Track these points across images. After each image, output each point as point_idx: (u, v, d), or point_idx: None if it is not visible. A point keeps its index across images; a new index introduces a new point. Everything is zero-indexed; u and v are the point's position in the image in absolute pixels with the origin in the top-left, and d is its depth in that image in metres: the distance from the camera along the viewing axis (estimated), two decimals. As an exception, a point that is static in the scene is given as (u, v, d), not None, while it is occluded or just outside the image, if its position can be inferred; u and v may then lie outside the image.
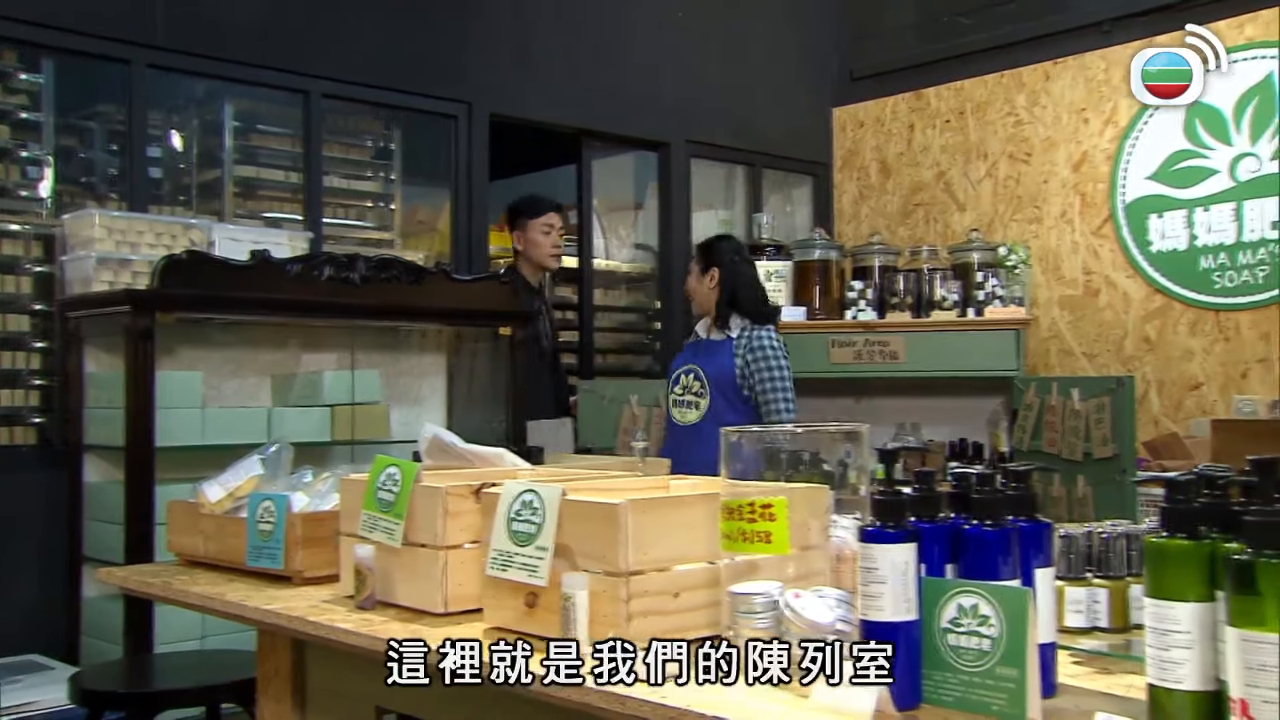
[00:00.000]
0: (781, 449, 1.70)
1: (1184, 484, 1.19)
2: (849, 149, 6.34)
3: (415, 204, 5.17)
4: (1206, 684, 1.13)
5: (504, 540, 1.73)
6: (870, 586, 1.31)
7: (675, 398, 4.11)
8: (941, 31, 6.00)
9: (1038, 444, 5.07)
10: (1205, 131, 5.06)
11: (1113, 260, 5.36)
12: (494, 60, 5.02)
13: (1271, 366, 4.90)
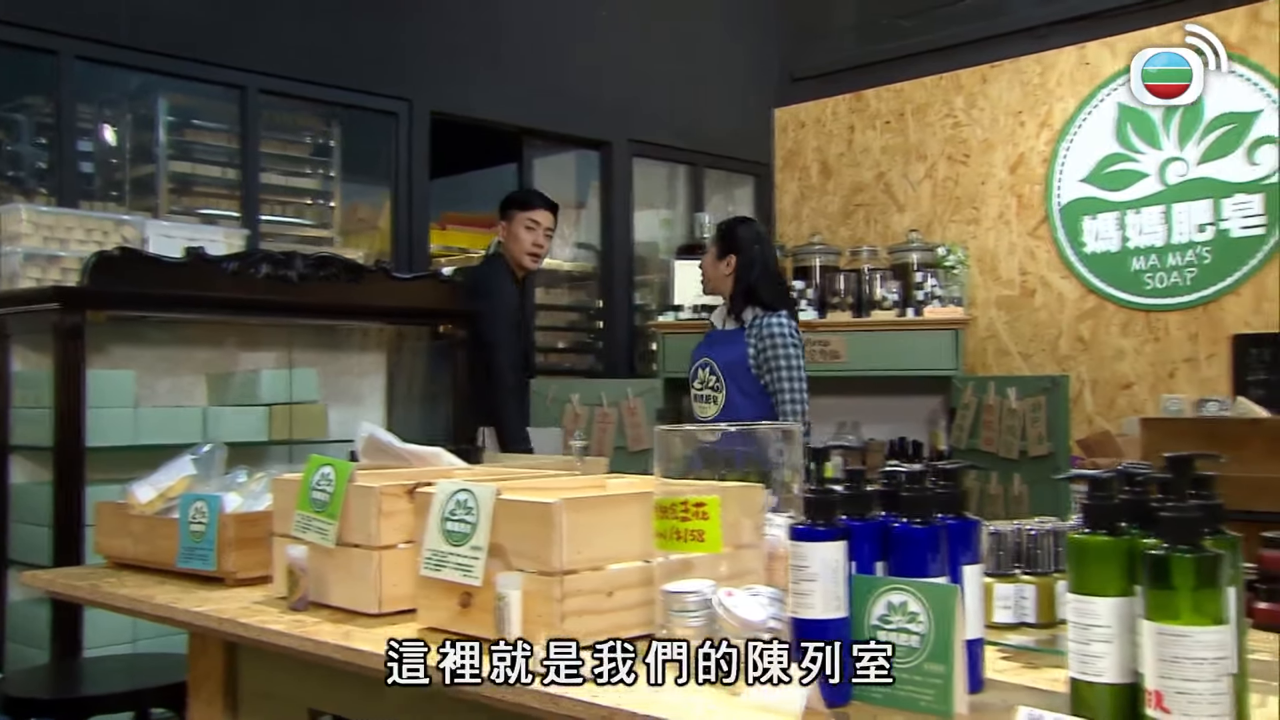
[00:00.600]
0: (717, 448, 1.71)
1: (1105, 481, 1.21)
2: (790, 149, 6.39)
3: (355, 202, 5.12)
4: (1125, 676, 1.15)
5: (438, 540, 1.72)
6: (801, 584, 1.32)
7: (695, 393, 3.97)
8: (881, 33, 6.06)
9: (975, 442, 5.15)
10: (1136, 136, 5.17)
11: (1048, 261, 5.45)
12: (435, 57, 4.99)
13: (1198, 366, 5.01)
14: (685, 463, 1.67)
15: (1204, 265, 4.98)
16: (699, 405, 3.93)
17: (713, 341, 4.01)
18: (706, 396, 3.90)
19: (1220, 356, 4.92)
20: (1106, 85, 5.27)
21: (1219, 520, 1.22)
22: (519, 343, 4.43)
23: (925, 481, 1.38)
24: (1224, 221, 4.93)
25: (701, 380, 3.92)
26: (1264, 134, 4.83)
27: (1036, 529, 1.67)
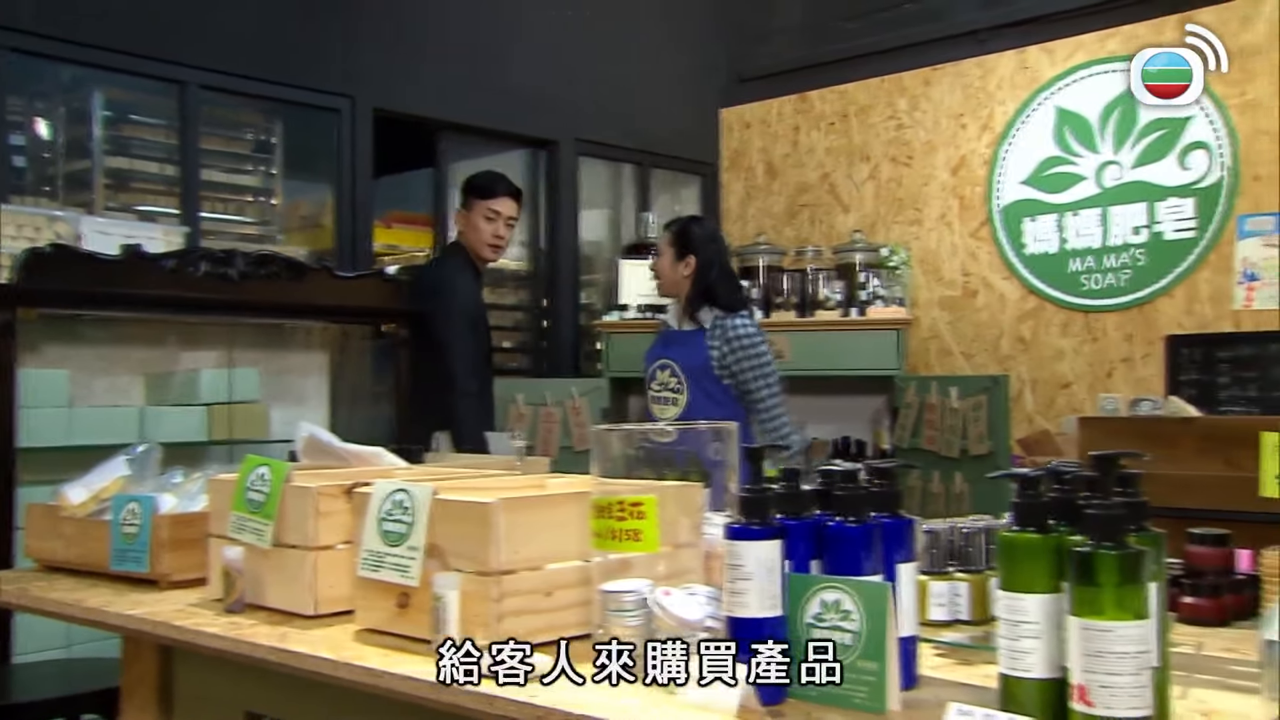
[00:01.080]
0: (656, 447, 1.71)
1: (1033, 480, 1.23)
2: (736, 149, 6.41)
3: (298, 199, 5.06)
4: (1053, 672, 1.17)
5: (375, 540, 1.71)
6: (736, 583, 1.33)
7: (653, 394, 3.93)
8: (825, 36, 6.10)
9: (918, 441, 5.20)
10: (1074, 139, 5.25)
11: (989, 262, 5.52)
12: (378, 54, 4.95)
13: (1134, 366, 5.10)
14: (626, 462, 1.68)
15: (1139, 267, 5.07)
16: (658, 406, 3.89)
17: (670, 342, 3.95)
18: (666, 398, 3.86)
19: (1155, 357, 5.01)
20: (1045, 89, 5.34)
21: (1143, 517, 1.25)
22: (480, 342, 4.25)
23: (860, 480, 1.39)
24: (1157, 224, 5.03)
25: (661, 382, 3.88)
26: (1195, 139, 4.92)
27: (970, 527, 1.69)
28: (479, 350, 4.21)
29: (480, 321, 4.25)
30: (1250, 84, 4.79)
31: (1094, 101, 5.19)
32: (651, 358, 3.96)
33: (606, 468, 1.61)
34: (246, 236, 4.68)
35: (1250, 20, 4.81)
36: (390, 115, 5.00)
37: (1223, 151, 4.86)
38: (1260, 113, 4.77)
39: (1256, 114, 4.78)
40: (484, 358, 4.26)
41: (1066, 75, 5.28)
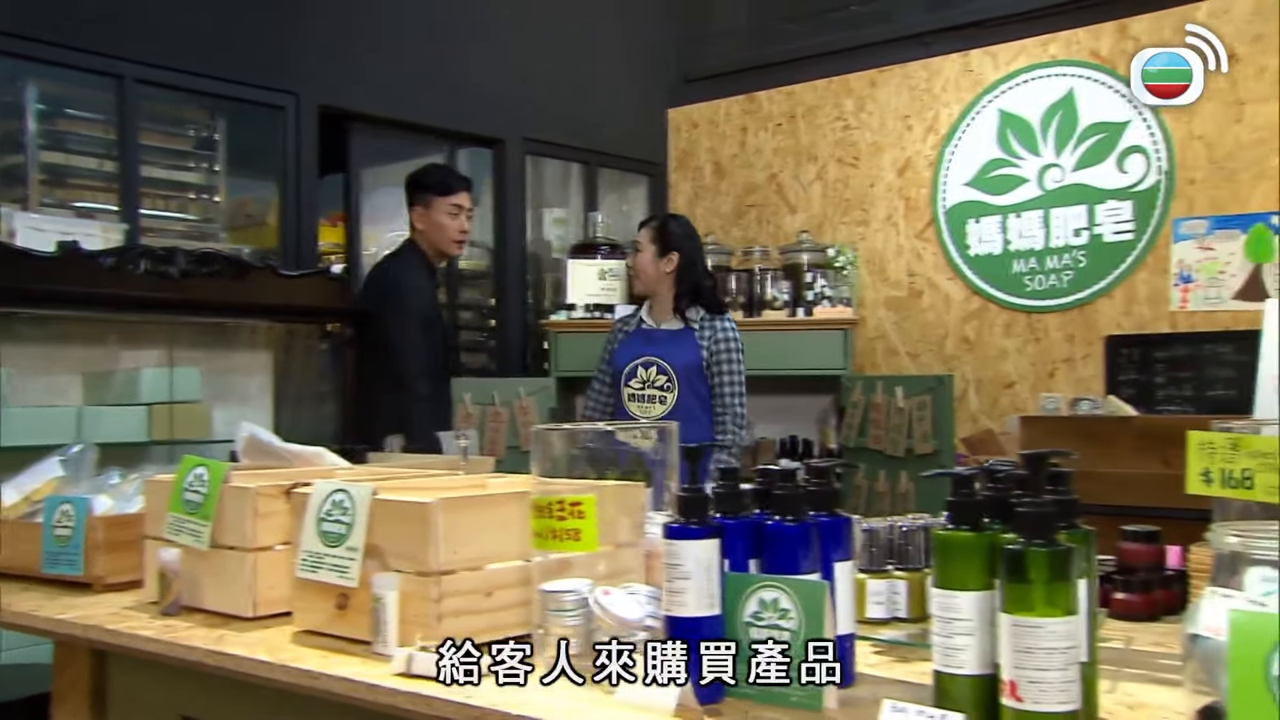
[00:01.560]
0: (599, 446, 1.71)
1: (967, 478, 1.25)
2: (684, 150, 6.43)
3: (242, 196, 5.00)
4: (985, 668, 1.18)
5: (314, 541, 1.69)
6: (674, 582, 1.33)
7: (633, 392, 3.87)
8: (772, 37, 6.13)
9: (864, 440, 5.24)
10: (1016, 142, 5.32)
11: (935, 263, 5.58)
12: (324, 51, 4.90)
13: (1075, 366, 5.18)
14: (569, 462, 1.67)
15: (1079, 268, 5.15)
16: (639, 405, 3.85)
17: (654, 340, 3.91)
18: (651, 396, 3.83)
19: (1095, 357, 5.10)
20: (989, 92, 5.40)
21: (1074, 515, 1.27)
22: (434, 343, 4.17)
23: (797, 479, 1.40)
24: (1097, 226, 5.11)
25: (644, 379, 3.85)
26: (1133, 143, 5.01)
27: (909, 525, 1.71)
28: (432, 351, 4.16)
29: (435, 322, 4.22)
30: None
31: (1036, 105, 5.27)
32: (628, 355, 3.90)
33: (547, 467, 1.61)
34: (188, 234, 4.61)
35: (1182, 29, 4.89)
36: (335, 112, 4.95)
37: (1159, 156, 4.95)
38: (1194, 119, 4.86)
39: (1191, 120, 4.87)
40: (438, 359, 4.21)
41: (1009, 79, 5.35)
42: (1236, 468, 1.21)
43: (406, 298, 4.12)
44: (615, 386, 3.95)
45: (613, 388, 3.98)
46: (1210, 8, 4.83)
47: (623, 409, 3.87)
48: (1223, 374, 4.73)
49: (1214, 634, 1.07)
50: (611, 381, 3.99)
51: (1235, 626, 1.00)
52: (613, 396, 3.97)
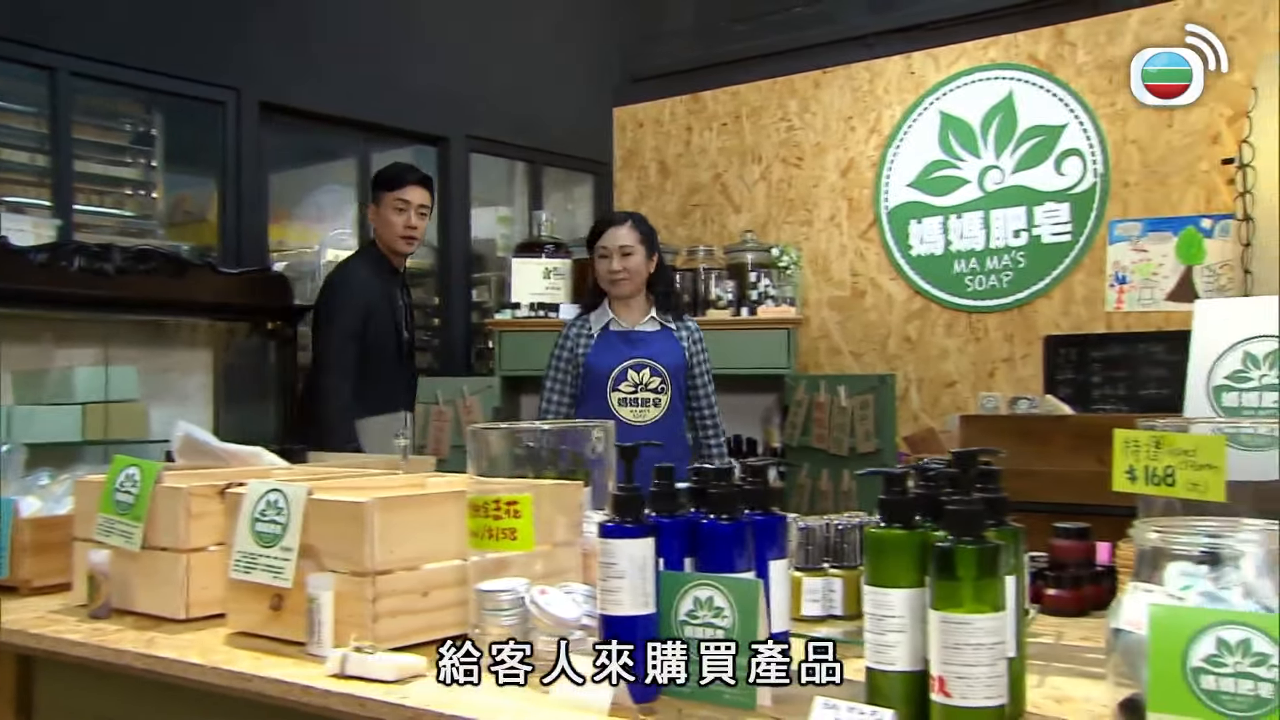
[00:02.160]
0: (537, 445, 1.71)
1: (900, 477, 1.26)
2: (629, 149, 6.43)
3: (183, 193, 4.93)
4: (915, 664, 1.19)
5: (248, 541, 1.68)
6: (609, 581, 1.33)
7: (624, 396, 3.73)
8: (717, 37, 6.16)
9: (807, 439, 5.27)
10: (957, 143, 5.38)
11: (877, 263, 5.63)
12: (265, 46, 4.84)
13: (1015, 365, 5.25)
14: (509, 461, 1.67)
15: (1019, 269, 5.22)
16: (631, 409, 3.72)
17: (637, 341, 3.80)
18: (645, 400, 3.73)
19: (1034, 356, 5.17)
20: (931, 94, 5.46)
21: (1004, 513, 1.29)
22: (380, 345, 4.00)
23: (733, 478, 1.41)
24: (1036, 228, 5.18)
25: (635, 382, 3.73)
26: (1070, 146, 5.09)
27: (845, 524, 1.72)
28: (372, 354, 4.00)
29: (378, 323, 4.03)
30: (1119, 95, 4.98)
31: (976, 107, 5.33)
32: (611, 358, 3.76)
33: (484, 466, 1.60)
34: (125, 230, 4.53)
35: (1116, 34, 5.00)
36: (277, 109, 4.89)
37: (1095, 159, 5.03)
38: (1129, 123, 4.96)
39: (1125, 124, 4.97)
40: (381, 360, 4.04)
41: (950, 81, 5.41)
42: (1159, 465, 1.24)
43: (336, 299, 4.02)
44: (587, 391, 3.79)
45: (576, 394, 3.83)
46: (1142, 15, 4.93)
47: (607, 415, 3.67)
48: (1156, 373, 4.82)
49: (1135, 628, 1.09)
50: (574, 388, 3.84)
51: (1155, 621, 1.02)
52: (574, 404, 3.83)
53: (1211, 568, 1.10)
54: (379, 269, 4.08)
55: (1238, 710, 0.96)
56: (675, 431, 3.77)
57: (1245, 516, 1.19)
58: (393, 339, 4.06)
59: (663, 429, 3.68)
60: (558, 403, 3.82)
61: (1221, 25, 4.73)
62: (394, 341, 4.07)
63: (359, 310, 3.95)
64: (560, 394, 3.85)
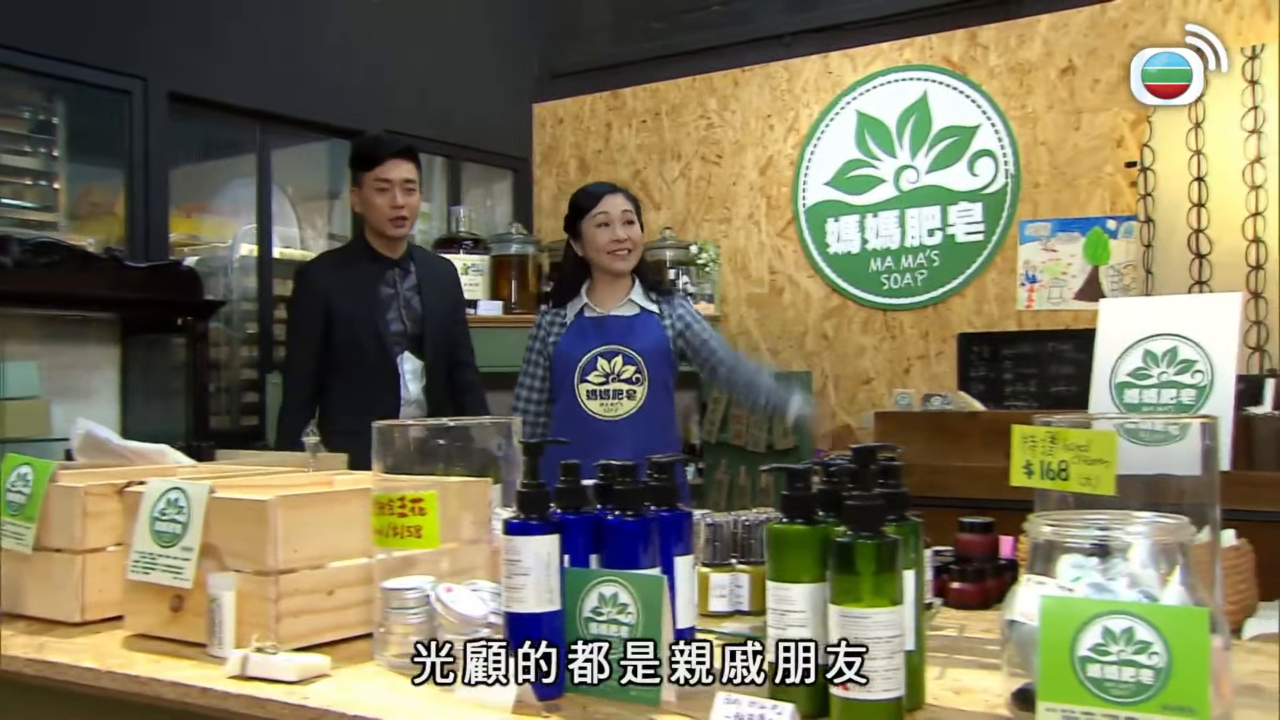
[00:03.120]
0: (440, 441, 1.69)
1: (802, 473, 1.27)
2: (549, 145, 6.41)
3: (88, 184, 4.80)
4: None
5: (147, 541, 1.64)
6: (513, 578, 1.33)
7: (593, 387, 3.30)
8: (635, 34, 6.16)
9: (725, 436, 5.32)
10: (873, 143, 5.45)
11: (795, 261, 5.68)
12: (174, 35, 4.73)
13: (930, 362, 5.33)
14: (420, 457, 1.65)
15: (933, 268, 5.31)
16: (601, 403, 3.28)
17: (608, 327, 3.35)
18: (619, 391, 3.29)
19: (948, 354, 5.26)
20: (847, 94, 5.53)
21: (904, 508, 1.31)
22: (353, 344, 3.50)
23: (637, 475, 1.41)
24: (950, 227, 5.27)
25: (606, 371, 3.30)
26: (983, 147, 5.19)
27: (752, 519, 1.73)
28: (340, 354, 3.52)
29: (346, 320, 3.51)
30: (1028, 97, 5.09)
31: (892, 107, 5.41)
32: (579, 346, 3.34)
33: (390, 463, 1.58)
34: (25, 222, 4.40)
35: (1026, 39, 5.10)
36: (187, 99, 4.79)
37: (1006, 160, 5.13)
38: (1038, 125, 5.07)
39: (1035, 126, 5.08)
40: (357, 360, 3.53)
41: (867, 81, 5.48)
42: (1054, 460, 1.26)
43: (292, 301, 3.71)
44: (558, 384, 3.39)
45: (545, 389, 3.44)
46: (1051, 20, 5.04)
47: (576, 410, 3.31)
48: (1065, 370, 4.93)
49: (1028, 619, 1.11)
50: (546, 384, 3.43)
51: (1045, 612, 1.04)
52: (545, 401, 3.44)
53: (1101, 559, 1.13)
54: (353, 260, 3.62)
55: (1121, 697, 0.98)
56: (654, 430, 3.26)
57: (1137, 509, 1.22)
58: (371, 335, 3.52)
59: (638, 426, 3.23)
60: (526, 399, 3.45)
61: (1122, 32, 4.87)
62: (374, 337, 3.52)
63: (313, 311, 3.53)
64: (531, 390, 3.46)
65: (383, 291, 3.57)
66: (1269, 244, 4.37)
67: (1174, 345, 2.32)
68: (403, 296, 3.61)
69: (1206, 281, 4.47)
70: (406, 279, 3.62)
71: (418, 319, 3.60)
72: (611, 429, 3.24)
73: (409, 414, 3.49)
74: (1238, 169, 4.41)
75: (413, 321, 3.59)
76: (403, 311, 3.60)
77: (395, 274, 3.59)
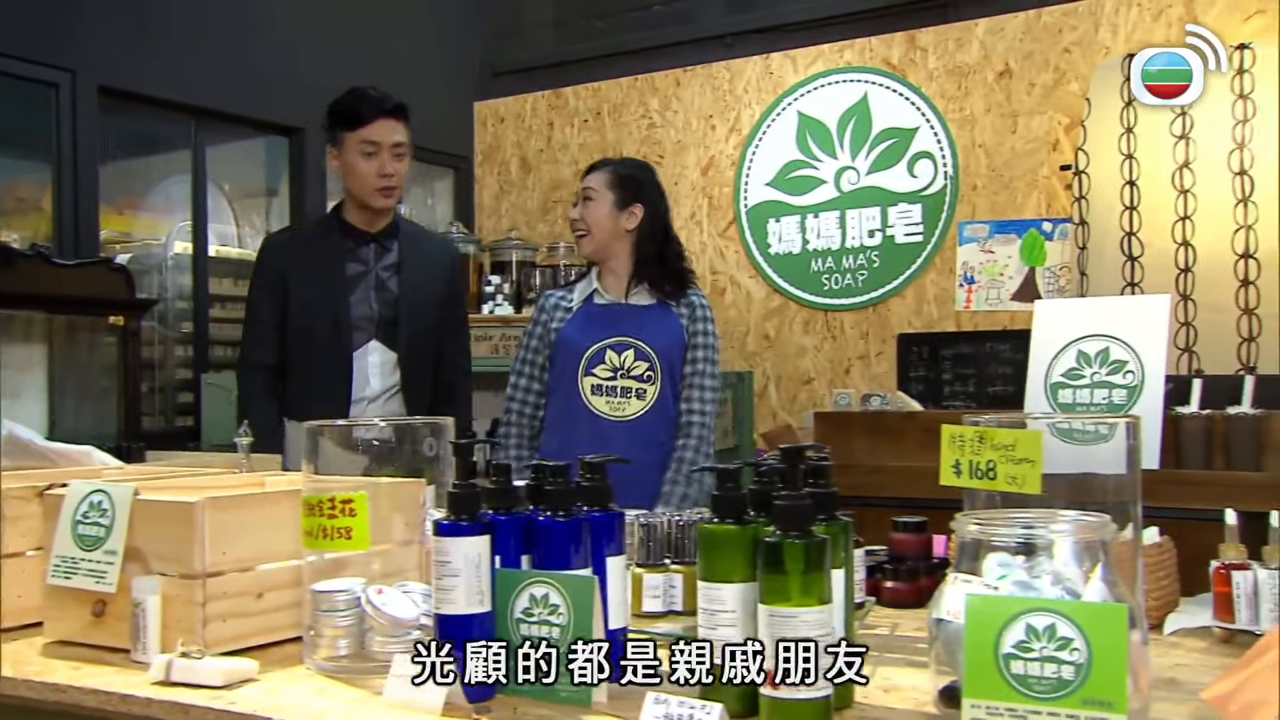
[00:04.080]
0: (374, 441, 1.68)
1: (732, 473, 1.27)
2: (490, 144, 6.38)
3: (13, 179, 4.69)
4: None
5: (69, 545, 1.60)
6: (443, 580, 1.31)
7: (599, 382, 2.93)
8: (577, 33, 6.15)
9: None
10: (814, 144, 5.48)
11: (737, 261, 5.70)
12: (104, 27, 4.63)
13: (870, 363, 5.38)
14: (348, 459, 1.63)
15: (873, 268, 5.35)
16: (607, 400, 2.91)
17: (621, 316, 2.97)
18: (626, 389, 2.92)
19: (887, 354, 5.30)
20: (788, 95, 5.55)
21: (833, 507, 1.31)
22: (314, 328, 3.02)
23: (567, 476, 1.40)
24: (890, 228, 5.32)
25: (615, 366, 2.94)
26: (922, 149, 5.24)
27: (686, 519, 1.73)
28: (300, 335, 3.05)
29: (306, 299, 3.04)
30: (966, 100, 5.15)
31: (832, 109, 5.44)
32: (587, 335, 2.98)
33: (319, 464, 1.56)
34: (-50, 218, 4.30)
35: (964, 42, 5.17)
36: (118, 93, 4.69)
37: (945, 162, 5.19)
38: (975, 127, 5.13)
39: (973, 129, 5.14)
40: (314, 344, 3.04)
41: (808, 82, 5.51)
42: (982, 459, 1.27)
43: (253, 272, 3.22)
44: (558, 376, 3.00)
45: (544, 378, 3.05)
46: (988, 25, 5.10)
47: (578, 405, 2.93)
48: (1002, 371, 5.00)
49: (954, 618, 1.12)
50: (543, 371, 3.06)
51: (971, 610, 1.05)
52: (543, 393, 3.06)
53: (1026, 557, 1.14)
54: (321, 234, 3.16)
55: (1043, 693, 1.00)
56: (660, 435, 2.92)
57: (1066, 507, 1.24)
58: (328, 322, 3.01)
59: (646, 429, 2.89)
60: (525, 389, 3.05)
61: (1056, 38, 4.94)
62: (330, 325, 3.01)
63: (267, 286, 3.09)
64: (531, 379, 3.05)
65: (350, 269, 3.07)
66: (1197, 247, 4.46)
67: (1106, 346, 2.36)
68: (376, 276, 3.10)
69: (1139, 283, 4.55)
70: (385, 256, 3.11)
71: (391, 302, 3.07)
72: (616, 430, 2.87)
73: (365, 413, 3.02)
74: (1167, 174, 4.50)
75: (385, 305, 3.07)
76: (373, 293, 3.07)
77: (370, 250, 3.09)
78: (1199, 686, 1.25)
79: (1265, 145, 4.30)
